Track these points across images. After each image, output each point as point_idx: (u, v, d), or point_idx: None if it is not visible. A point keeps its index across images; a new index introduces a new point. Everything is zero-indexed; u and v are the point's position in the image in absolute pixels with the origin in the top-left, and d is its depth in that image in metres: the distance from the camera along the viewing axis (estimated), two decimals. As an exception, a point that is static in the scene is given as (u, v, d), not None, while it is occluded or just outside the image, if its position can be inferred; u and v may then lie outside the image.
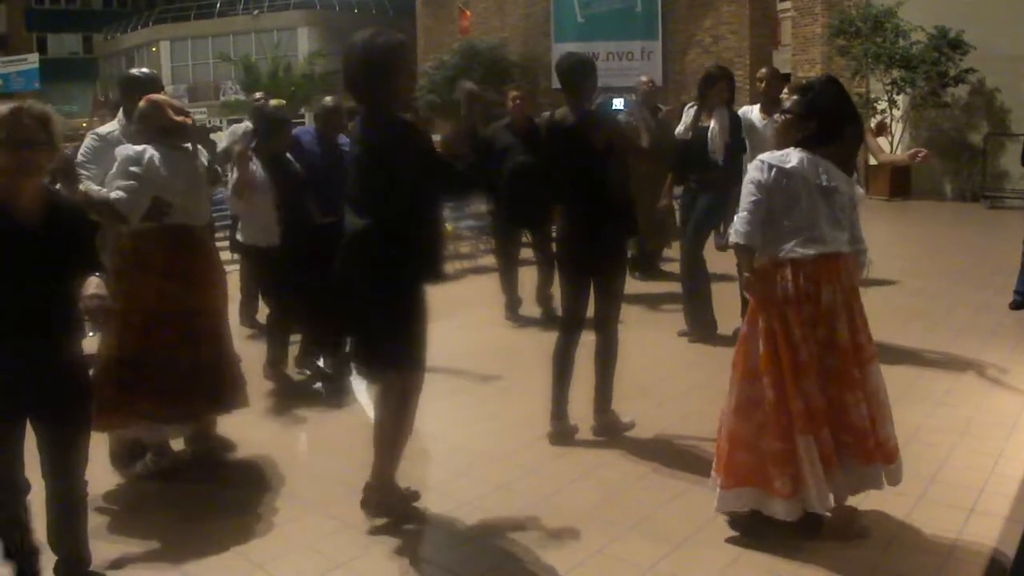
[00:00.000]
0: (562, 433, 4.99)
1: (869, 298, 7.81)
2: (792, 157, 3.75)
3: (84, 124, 24.98)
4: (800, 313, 3.67)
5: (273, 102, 6.13)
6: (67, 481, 3.30)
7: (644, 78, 9.90)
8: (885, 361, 6.27)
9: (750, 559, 3.61)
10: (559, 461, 4.73)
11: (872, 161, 17.72)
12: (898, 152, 16.84)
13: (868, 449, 3.73)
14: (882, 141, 17.02)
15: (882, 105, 16.75)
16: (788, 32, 21.57)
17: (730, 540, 3.76)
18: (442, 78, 23.45)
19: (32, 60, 27.54)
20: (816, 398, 3.66)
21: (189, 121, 4.49)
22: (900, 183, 16.90)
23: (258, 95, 6.70)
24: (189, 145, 4.54)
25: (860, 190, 6.88)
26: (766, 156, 3.81)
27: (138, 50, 43.06)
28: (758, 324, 3.73)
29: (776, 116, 4.05)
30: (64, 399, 3.26)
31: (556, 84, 4.94)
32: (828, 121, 3.81)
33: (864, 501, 4.05)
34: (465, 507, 4.15)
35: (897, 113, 16.73)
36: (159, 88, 4.96)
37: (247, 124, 7.05)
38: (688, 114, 7.11)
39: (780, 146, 3.89)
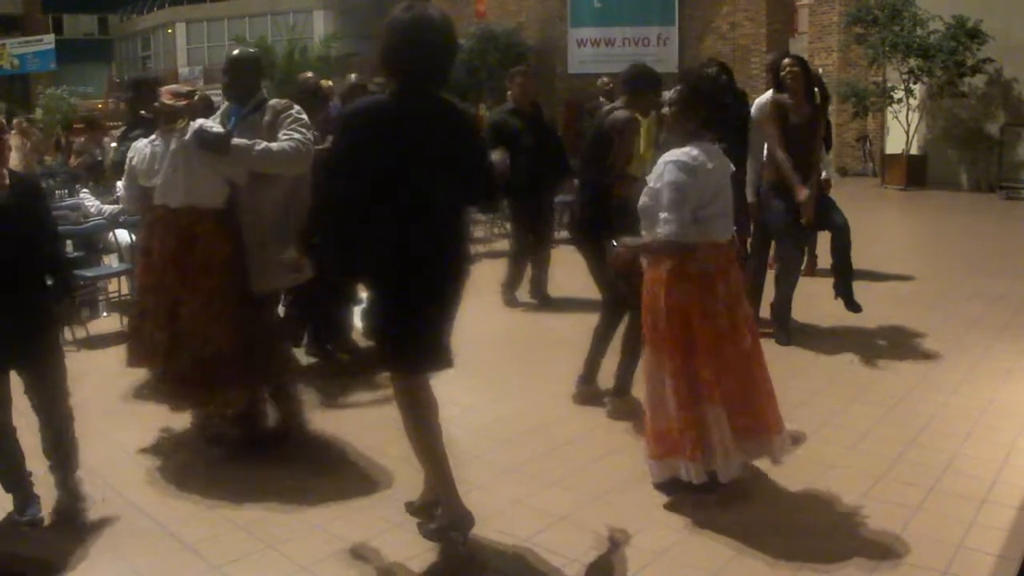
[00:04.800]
0: (585, 395, 5.22)
1: (884, 289, 7.86)
2: (706, 157, 3.87)
3: (100, 105, 25.03)
4: (715, 291, 3.92)
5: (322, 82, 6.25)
6: (53, 413, 3.95)
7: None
8: (898, 351, 6.31)
9: (756, 549, 3.62)
10: (571, 445, 4.75)
11: (888, 150, 17.77)
12: (913, 142, 16.79)
13: (769, 421, 4.03)
14: (895, 132, 17.02)
15: (899, 94, 16.65)
16: (805, 20, 21.47)
17: (738, 530, 3.76)
18: (458, 61, 23.34)
19: (48, 41, 27.59)
20: (726, 370, 3.92)
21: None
22: (916, 173, 16.81)
23: (309, 74, 6.75)
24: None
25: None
26: (683, 157, 3.86)
27: (154, 32, 43.07)
28: (661, 299, 3.91)
29: (664, 110, 4.12)
30: (39, 348, 3.85)
31: (572, 69, 5.01)
32: (714, 108, 3.97)
33: (875, 491, 4.07)
34: (475, 491, 4.17)
35: (914, 103, 16.63)
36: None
37: None
38: None
39: (671, 137, 4.06)
